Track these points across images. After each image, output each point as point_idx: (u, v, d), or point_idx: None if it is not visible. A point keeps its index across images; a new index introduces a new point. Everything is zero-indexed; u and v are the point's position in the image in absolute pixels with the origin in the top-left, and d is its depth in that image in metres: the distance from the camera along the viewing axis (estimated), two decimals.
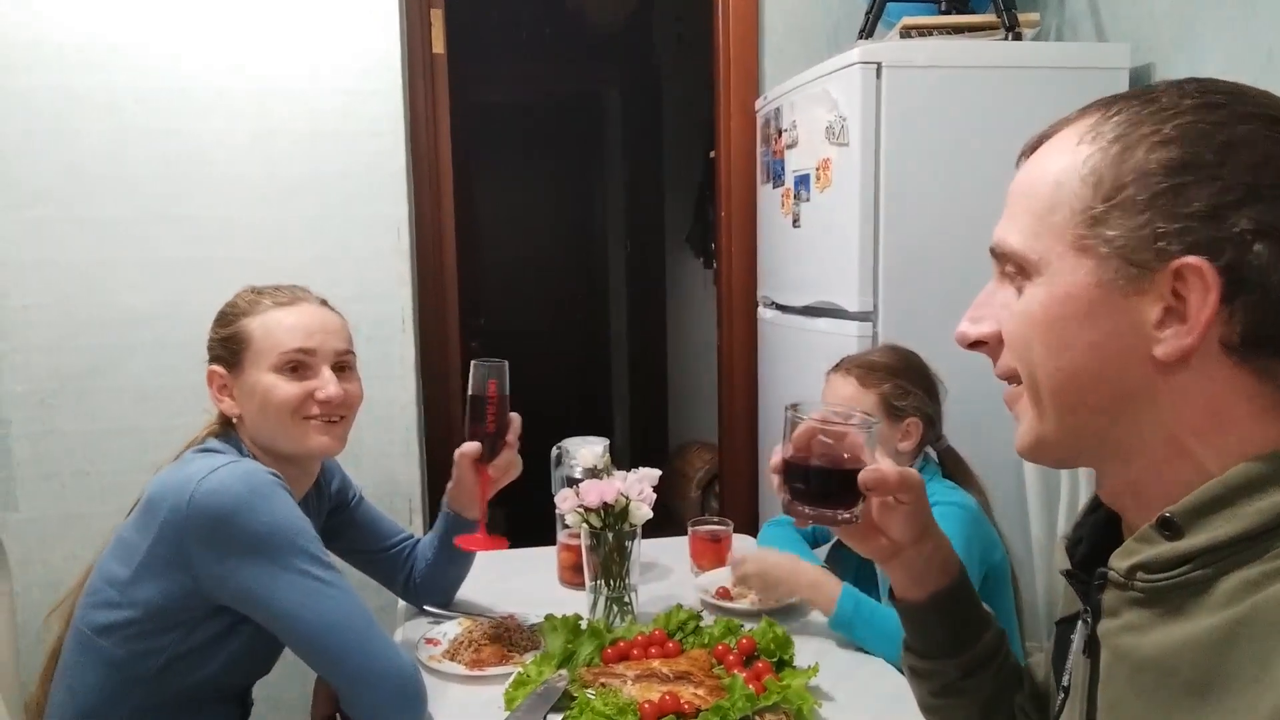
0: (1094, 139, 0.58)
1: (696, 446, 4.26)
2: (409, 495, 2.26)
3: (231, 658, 1.22)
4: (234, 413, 1.28)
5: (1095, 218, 0.57)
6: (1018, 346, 0.63)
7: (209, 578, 1.15)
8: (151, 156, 2.11)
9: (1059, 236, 0.59)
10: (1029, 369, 0.62)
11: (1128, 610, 0.59)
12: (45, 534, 2.11)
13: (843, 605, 1.36)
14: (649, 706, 1.13)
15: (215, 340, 1.31)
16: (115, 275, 2.11)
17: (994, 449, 1.71)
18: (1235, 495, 0.55)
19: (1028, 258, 0.61)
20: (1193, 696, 0.53)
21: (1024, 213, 0.61)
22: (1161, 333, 0.56)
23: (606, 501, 1.40)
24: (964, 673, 0.84)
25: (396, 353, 2.24)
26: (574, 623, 1.36)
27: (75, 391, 2.11)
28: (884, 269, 1.92)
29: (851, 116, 1.91)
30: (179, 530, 1.14)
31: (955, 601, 0.84)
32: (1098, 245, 0.57)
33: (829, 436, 0.81)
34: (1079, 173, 0.58)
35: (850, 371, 1.53)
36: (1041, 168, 0.61)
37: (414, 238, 2.31)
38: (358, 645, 1.16)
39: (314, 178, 2.17)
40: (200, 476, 1.15)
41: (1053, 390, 0.61)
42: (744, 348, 2.70)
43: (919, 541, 0.82)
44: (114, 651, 1.18)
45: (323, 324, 1.31)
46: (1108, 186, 0.57)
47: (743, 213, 2.63)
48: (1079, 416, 0.61)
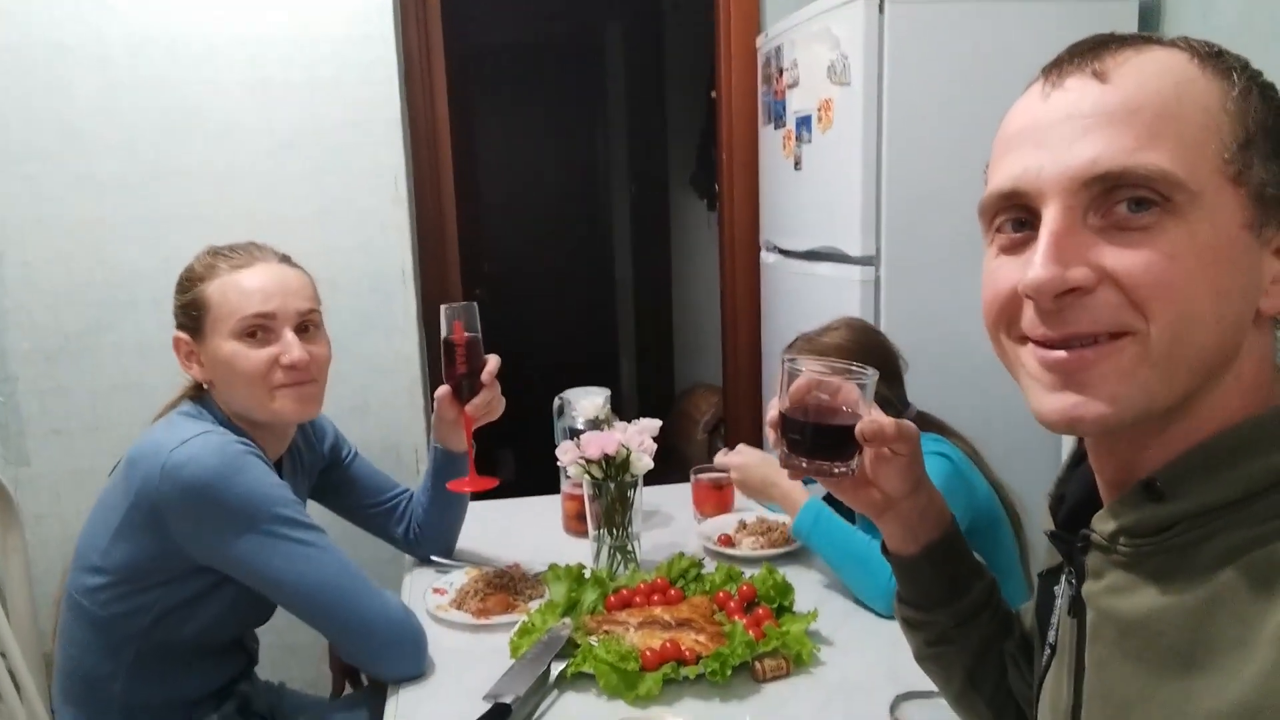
0: (1218, 73, 0.54)
1: (702, 389, 4.27)
2: (415, 446, 2.27)
3: (223, 610, 1.24)
4: (204, 379, 1.27)
5: (1244, 154, 0.53)
6: (1165, 293, 0.52)
7: (192, 546, 1.17)
8: (145, 110, 2.08)
9: (1215, 168, 0.53)
10: (1174, 319, 0.52)
11: (1111, 572, 0.59)
12: (57, 489, 2.14)
13: (803, 516, 1.39)
14: (651, 653, 1.15)
15: (177, 307, 1.28)
16: (114, 231, 2.10)
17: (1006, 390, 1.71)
18: (1221, 459, 0.54)
19: (1186, 185, 0.52)
20: (1179, 661, 0.53)
21: (1168, 134, 0.52)
22: (1275, 285, 0.55)
23: (607, 453, 1.41)
24: (957, 622, 0.85)
25: (399, 304, 2.24)
26: (578, 571, 1.38)
27: (79, 348, 2.12)
28: (887, 213, 1.90)
29: (853, 55, 1.86)
30: (152, 499, 1.15)
31: (947, 552, 0.85)
32: (1247, 183, 0.53)
33: (825, 389, 0.81)
34: (1221, 103, 0.54)
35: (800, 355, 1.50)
36: (1174, 87, 0.54)
37: (412, 186, 2.29)
38: (346, 600, 1.18)
39: (309, 128, 2.14)
40: (171, 448, 1.15)
41: (1201, 344, 0.53)
42: (747, 292, 2.69)
43: (912, 494, 0.82)
44: (99, 613, 1.21)
45: (282, 284, 1.25)
46: (1250, 125, 0.54)
47: (744, 155, 2.59)
48: (1199, 376, 0.54)
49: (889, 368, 1.49)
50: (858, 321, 1.56)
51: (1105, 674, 0.60)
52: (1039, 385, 0.57)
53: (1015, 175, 0.57)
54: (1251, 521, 0.52)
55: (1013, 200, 0.58)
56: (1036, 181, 0.56)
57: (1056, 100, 0.56)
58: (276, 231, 1.37)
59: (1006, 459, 1.57)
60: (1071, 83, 0.56)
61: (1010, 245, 0.59)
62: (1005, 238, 0.59)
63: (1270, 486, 0.52)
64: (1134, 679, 0.56)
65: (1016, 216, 0.58)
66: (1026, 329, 0.58)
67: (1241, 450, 0.54)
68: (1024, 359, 0.59)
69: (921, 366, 1.65)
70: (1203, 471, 0.54)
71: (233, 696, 1.32)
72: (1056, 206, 0.55)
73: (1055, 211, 0.55)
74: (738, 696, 1.12)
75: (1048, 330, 0.56)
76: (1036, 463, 1.84)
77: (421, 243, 2.37)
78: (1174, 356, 0.53)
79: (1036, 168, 0.56)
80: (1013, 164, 0.58)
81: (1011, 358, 0.61)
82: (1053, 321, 0.55)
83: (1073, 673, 0.63)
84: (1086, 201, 0.54)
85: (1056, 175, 0.55)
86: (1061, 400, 0.56)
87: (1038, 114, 0.57)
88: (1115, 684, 0.58)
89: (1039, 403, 0.57)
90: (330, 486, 1.52)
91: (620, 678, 1.12)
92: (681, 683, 1.13)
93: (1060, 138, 0.55)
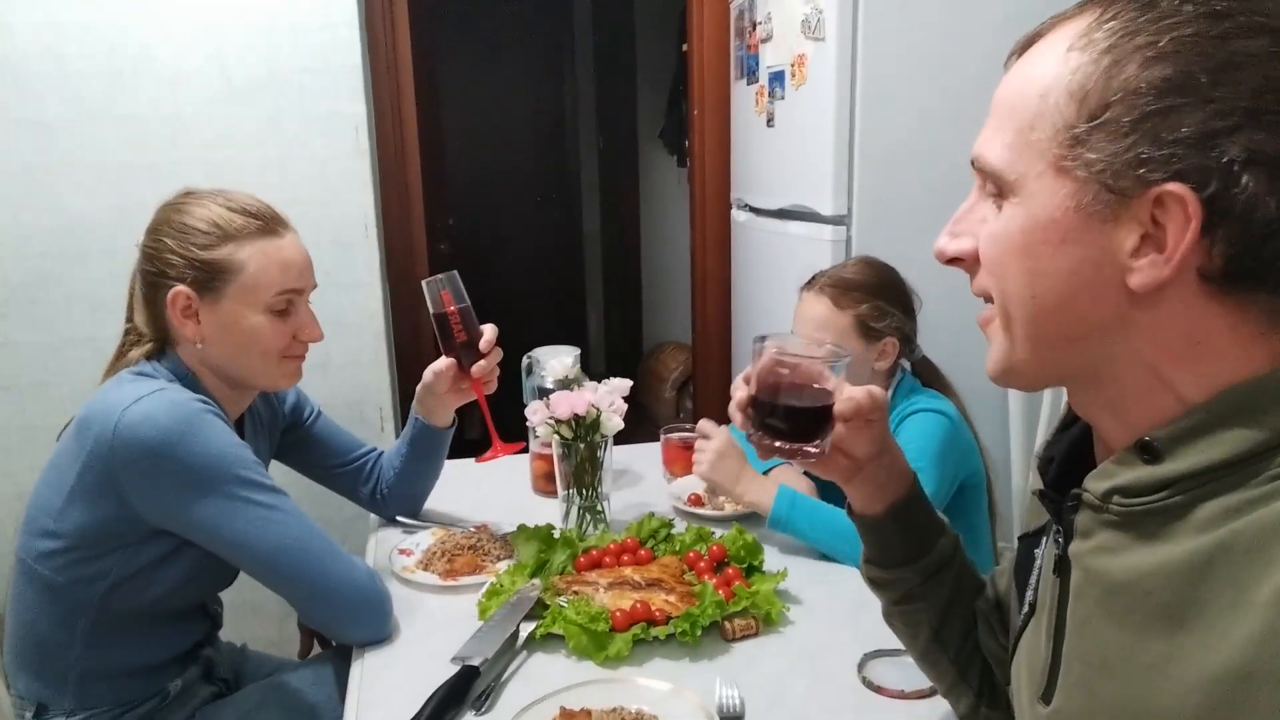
0: (1085, 47, 0.54)
1: (671, 347, 4.27)
2: (379, 404, 2.24)
3: (181, 576, 1.20)
4: (195, 337, 1.20)
5: (1077, 138, 0.54)
6: (992, 269, 0.60)
7: (149, 509, 1.13)
8: (92, 52, 1.99)
9: (1040, 155, 0.56)
10: (1002, 293, 0.60)
11: (1101, 532, 0.59)
12: (8, 446, 2.08)
13: (778, 505, 1.36)
14: (620, 614, 1.15)
15: (186, 259, 1.17)
16: (60, 179, 2.02)
17: (973, 357, 1.71)
18: (1217, 422, 0.54)
19: (1005, 177, 0.58)
20: (1166, 621, 0.53)
21: (1006, 127, 0.58)
22: (1136, 261, 0.54)
23: (577, 413, 1.39)
24: (924, 578, 0.86)
25: (361, 258, 2.18)
26: (546, 532, 1.37)
27: (26, 300, 2.05)
28: (859, 172, 1.88)
29: (828, 9, 1.82)
30: (105, 461, 1.11)
31: (911, 509, 0.86)
32: (1077, 168, 0.54)
33: (799, 373, 0.80)
34: (1066, 86, 0.54)
35: (824, 291, 1.47)
36: (1027, 76, 0.57)
37: (374, 137, 2.22)
38: (309, 564, 1.15)
39: (265, 74, 2.06)
40: (124, 406, 1.10)
41: (1026, 318, 0.59)
42: (717, 251, 2.67)
43: (879, 455, 0.83)
44: (54, 578, 1.17)
45: (306, 258, 1.25)
46: (1093, 104, 0.53)
47: (715, 111, 2.55)
48: (1052, 345, 0.59)
49: (905, 304, 1.49)
50: (874, 259, 1.55)
51: (1086, 633, 0.60)
52: None
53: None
54: (1248, 483, 0.52)
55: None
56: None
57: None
58: (231, 180, 1.32)
59: (978, 419, 1.58)
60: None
61: None
62: None
63: (1268, 449, 0.52)
64: (1116, 639, 0.57)
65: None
66: None
67: (1239, 412, 0.53)
68: None
69: None
70: (1201, 432, 0.54)
71: (196, 661, 1.30)
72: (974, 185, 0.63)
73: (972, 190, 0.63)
74: (707, 656, 1.12)
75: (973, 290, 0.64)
76: (1006, 438, 1.86)
77: (384, 196, 2.31)
78: (1011, 325, 0.60)
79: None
80: None
81: None
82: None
83: (1052, 632, 0.64)
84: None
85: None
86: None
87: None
88: (1096, 643, 0.58)
89: None
90: (293, 446, 1.49)
91: (590, 639, 1.11)
92: (651, 643, 1.13)
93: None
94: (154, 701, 1.24)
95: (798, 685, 1.06)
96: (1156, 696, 0.53)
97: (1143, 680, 0.54)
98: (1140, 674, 0.54)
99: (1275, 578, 0.48)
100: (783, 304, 1.60)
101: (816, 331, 1.45)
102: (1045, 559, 0.67)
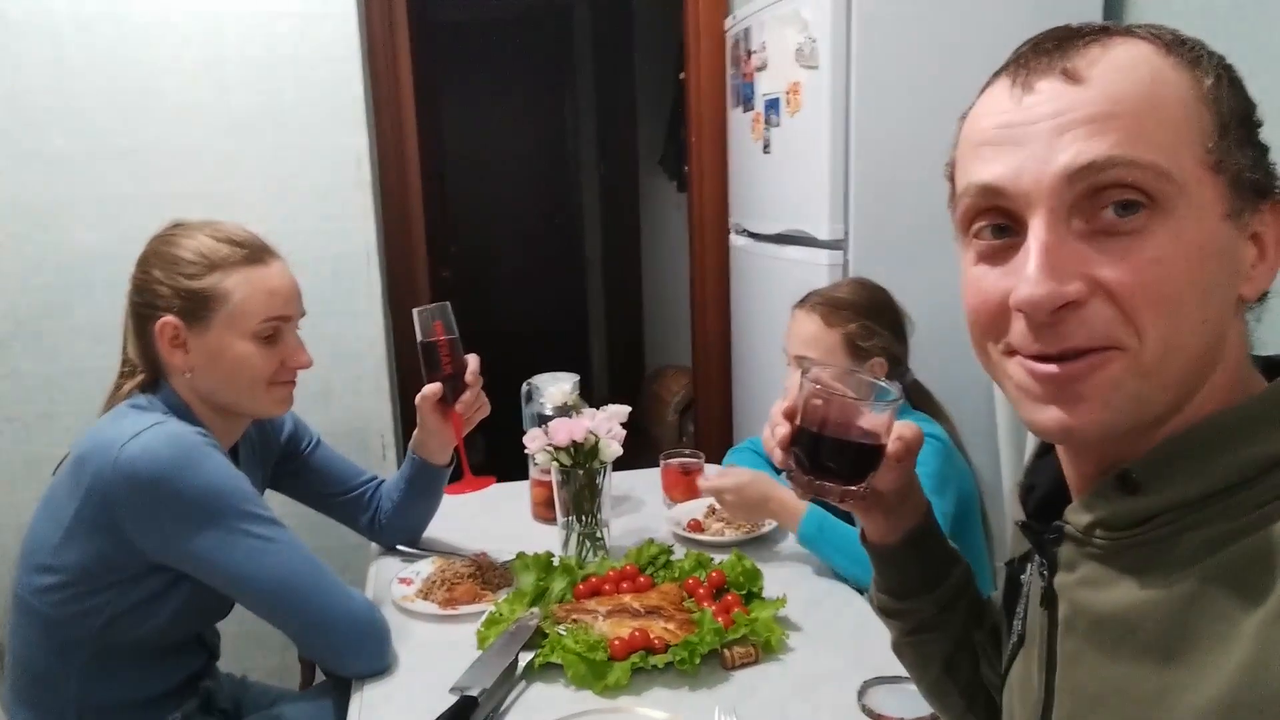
0: (1187, 63, 0.54)
1: (673, 371, 4.27)
2: (381, 432, 2.24)
3: (178, 610, 1.20)
4: (184, 367, 1.21)
5: (1223, 143, 0.53)
6: (1155, 299, 0.51)
7: (147, 543, 1.14)
8: (97, 87, 2.01)
9: (1197, 159, 0.52)
10: (1167, 331, 0.51)
11: (1085, 564, 0.59)
12: (12, 477, 2.09)
13: (807, 523, 1.39)
14: (619, 643, 1.15)
15: (174, 289, 1.19)
16: (66, 212, 2.04)
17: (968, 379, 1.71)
18: (1198, 451, 0.53)
19: (1174, 178, 0.51)
20: (1158, 654, 0.53)
21: (1149, 130, 0.51)
22: (1254, 270, 0.55)
23: (576, 440, 1.40)
24: (939, 608, 0.85)
25: (362, 287, 2.20)
26: (546, 560, 1.37)
27: (32, 333, 2.06)
28: (855, 197, 1.89)
29: (821, 38, 1.85)
30: (105, 496, 1.11)
31: (926, 539, 0.84)
32: (1226, 171, 0.52)
33: (845, 409, 0.75)
34: (1199, 92, 0.53)
35: (815, 309, 1.50)
36: (1150, 81, 0.52)
37: (376, 167, 2.25)
38: (308, 597, 1.16)
39: (268, 107, 2.09)
40: (122, 442, 1.11)
41: (1198, 348, 0.52)
42: (716, 275, 2.68)
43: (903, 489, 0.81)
44: (51, 614, 1.17)
45: (293, 285, 1.26)
46: (1224, 112, 0.53)
47: (713, 138, 2.57)
48: (1191, 378, 0.54)
49: (895, 325, 1.51)
50: (867, 279, 1.57)
51: (1078, 667, 0.59)
52: (1027, 397, 0.56)
53: (994, 174, 0.55)
54: (1230, 514, 0.52)
55: (992, 202, 0.56)
56: (1016, 185, 0.54)
57: (1030, 103, 0.54)
58: (234, 212, 1.33)
59: (970, 445, 1.58)
60: (1042, 85, 0.54)
61: (991, 253, 0.57)
62: (985, 244, 0.57)
63: (1248, 479, 0.52)
64: (1108, 673, 0.56)
65: (996, 222, 0.56)
66: (1016, 344, 0.55)
67: (1219, 442, 0.53)
68: (1011, 370, 0.57)
69: None
70: (1180, 463, 0.53)
71: (195, 693, 1.30)
72: (1042, 213, 0.52)
73: (1042, 219, 0.52)
74: (706, 685, 1.12)
75: (1041, 346, 0.54)
76: (996, 459, 1.86)
77: (386, 225, 2.33)
78: (1164, 365, 0.52)
79: (1016, 168, 0.54)
80: (989, 163, 0.55)
81: (998, 368, 0.59)
82: (1046, 337, 0.53)
83: (1043, 665, 0.63)
84: (1070, 205, 0.52)
85: (1039, 175, 0.52)
86: (1054, 413, 0.54)
87: (1011, 116, 0.55)
88: (1088, 677, 0.58)
89: (1031, 414, 0.56)
90: (291, 475, 1.49)
91: (588, 668, 1.11)
92: (650, 671, 1.13)
93: (1039, 137, 0.53)
94: None
95: (797, 713, 1.06)
96: None
97: (1137, 714, 0.54)
98: (1135, 708, 0.54)
99: (1262, 608, 0.48)
100: (781, 327, 1.60)
101: (806, 349, 1.48)
102: (1032, 590, 0.66)
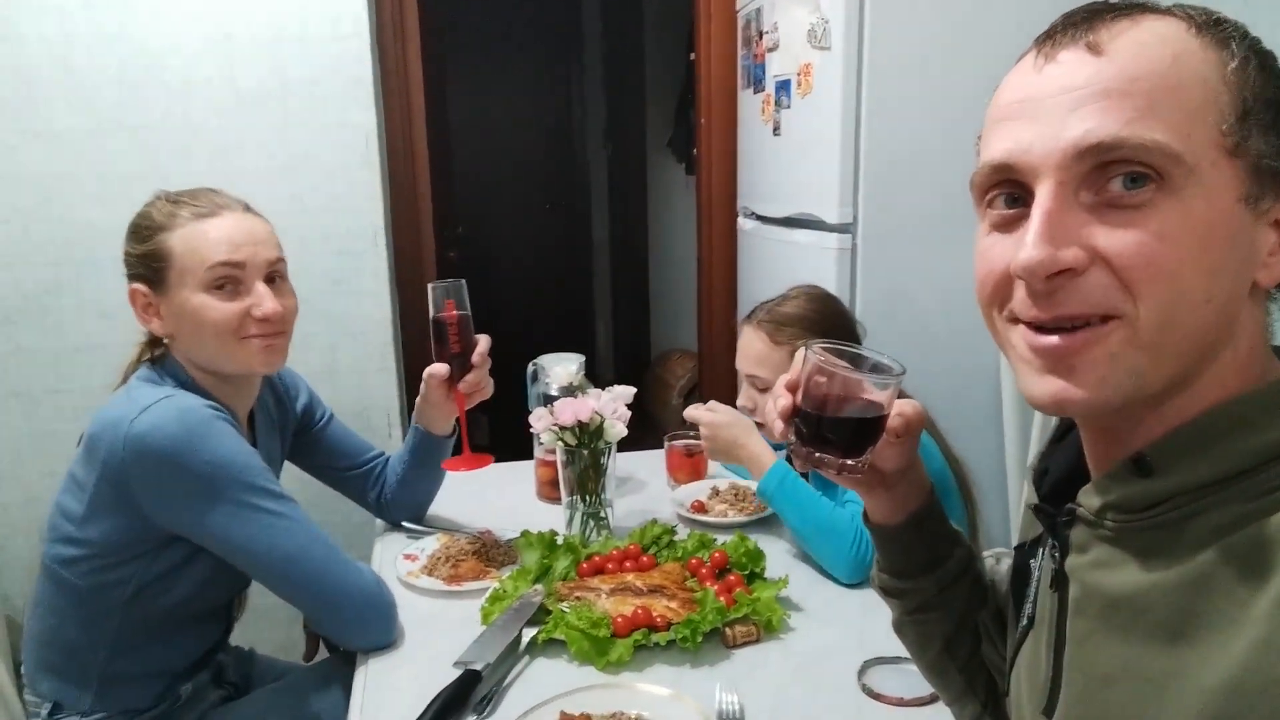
0: (1216, 43, 0.53)
1: (678, 354, 4.27)
2: (387, 410, 2.25)
3: (201, 579, 1.22)
4: (165, 333, 1.22)
5: (1242, 126, 0.52)
6: (1156, 273, 0.51)
7: (161, 516, 1.15)
8: (102, 63, 2.01)
9: (1213, 140, 0.51)
10: (1165, 303, 0.52)
11: (1097, 546, 0.59)
12: (19, 451, 2.10)
13: (769, 477, 1.39)
14: (622, 620, 1.15)
15: (134, 257, 1.21)
16: (72, 189, 2.04)
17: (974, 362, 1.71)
18: (1212, 436, 0.53)
19: (1183, 158, 0.51)
20: (1167, 636, 0.53)
21: (1165, 107, 0.51)
22: (1272, 257, 0.54)
23: (581, 420, 1.40)
24: (940, 588, 0.85)
25: (369, 266, 2.20)
26: (550, 538, 1.37)
27: (38, 308, 2.07)
28: (865, 181, 1.88)
29: (834, 19, 1.83)
30: (118, 471, 1.12)
31: (929, 519, 0.84)
32: (1245, 155, 0.52)
33: (847, 385, 0.76)
34: (1221, 75, 0.52)
35: (761, 326, 1.48)
36: (1172, 58, 0.52)
37: (384, 146, 2.24)
38: (317, 572, 1.16)
39: (276, 84, 2.08)
40: (131, 417, 1.11)
41: (1196, 326, 0.53)
42: (724, 258, 2.67)
43: (906, 469, 0.81)
44: (79, 583, 1.19)
45: (250, 233, 1.21)
46: (1248, 95, 0.53)
47: (723, 119, 2.56)
48: (1197, 357, 0.54)
49: (850, 335, 1.49)
50: (816, 290, 1.55)
51: (1087, 648, 0.59)
52: (1029, 367, 0.57)
53: (1006, 149, 0.56)
54: (1242, 498, 0.52)
55: (1004, 175, 0.56)
56: (1027, 156, 0.54)
57: (1050, 73, 0.55)
58: (240, 188, 1.33)
59: (974, 428, 1.58)
60: (1065, 55, 0.54)
61: (1003, 222, 0.57)
62: (998, 214, 0.58)
63: (1260, 464, 0.52)
64: (1117, 654, 0.56)
65: (1010, 192, 0.57)
66: (1017, 310, 0.56)
67: (1233, 427, 0.53)
68: (1014, 340, 0.58)
69: (894, 335, 1.64)
70: (1194, 447, 0.54)
71: (208, 666, 1.31)
72: (1049, 183, 0.53)
73: (1047, 188, 0.53)
74: (708, 663, 1.13)
75: (1038, 312, 0.55)
76: (995, 435, 1.86)
77: (393, 204, 2.33)
78: (1163, 339, 0.52)
79: (1028, 142, 0.54)
80: (1004, 138, 0.56)
81: (1003, 336, 0.60)
82: (1043, 303, 0.54)
83: (1052, 646, 0.63)
84: (1079, 177, 0.53)
85: (1048, 150, 0.53)
86: (1050, 384, 0.55)
87: (1030, 88, 0.55)
88: (1097, 658, 0.58)
89: (1028, 385, 0.57)
90: (304, 447, 1.50)
91: (591, 644, 1.12)
92: (652, 649, 1.14)
93: (1052, 111, 0.53)
94: (165, 705, 1.26)
95: (798, 692, 1.07)
96: (1160, 710, 0.53)
97: (1146, 694, 0.54)
98: (1143, 688, 0.54)
99: (1271, 591, 0.49)
100: None
101: (755, 367, 1.49)
102: (1042, 572, 0.67)
